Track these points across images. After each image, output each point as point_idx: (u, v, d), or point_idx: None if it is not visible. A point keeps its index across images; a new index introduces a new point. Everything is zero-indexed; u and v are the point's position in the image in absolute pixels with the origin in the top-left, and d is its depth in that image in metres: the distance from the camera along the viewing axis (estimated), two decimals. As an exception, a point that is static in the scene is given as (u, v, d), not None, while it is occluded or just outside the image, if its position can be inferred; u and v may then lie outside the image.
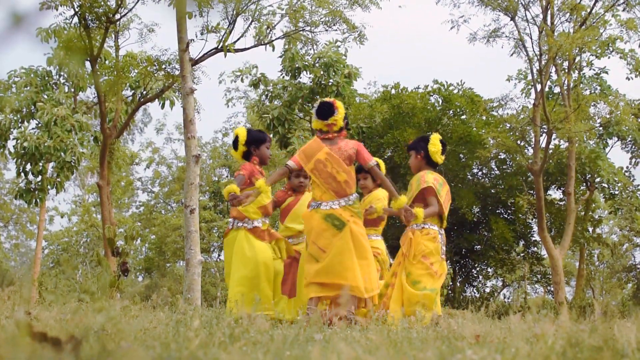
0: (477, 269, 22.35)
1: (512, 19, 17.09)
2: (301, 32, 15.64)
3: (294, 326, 3.63)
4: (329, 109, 5.86)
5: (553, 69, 17.80)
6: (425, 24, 61.08)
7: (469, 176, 20.93)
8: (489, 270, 22.77)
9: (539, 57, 16.94)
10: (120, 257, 6.74)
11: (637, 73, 18.91)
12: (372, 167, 5.90)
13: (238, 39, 13.60)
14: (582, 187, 20.78)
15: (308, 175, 6.15)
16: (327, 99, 5.98)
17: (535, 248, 21.93)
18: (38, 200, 16.92)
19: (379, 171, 5.97)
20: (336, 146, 5.87)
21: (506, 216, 21.18)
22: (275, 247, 6.16)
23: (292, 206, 6.51)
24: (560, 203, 21.05)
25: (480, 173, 21.61)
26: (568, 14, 17.11)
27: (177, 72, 14.49)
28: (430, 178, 6.10)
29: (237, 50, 13.43)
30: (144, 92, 16.99)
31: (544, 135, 17.27)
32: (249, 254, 5.93)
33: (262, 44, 14.58)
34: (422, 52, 61.53)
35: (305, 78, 20.01)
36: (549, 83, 18.62)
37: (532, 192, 19.79)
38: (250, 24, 14.23)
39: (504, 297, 27.01)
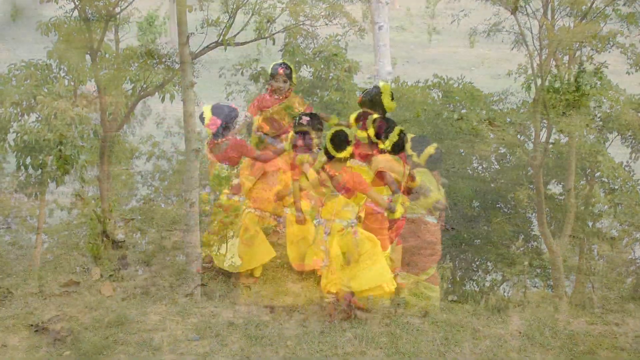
0: (477, 263, 22.36)
1: (513, 13, 17.05)
2: (301, 26, 15.62)
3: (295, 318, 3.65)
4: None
5: (553, 64, 17.78)
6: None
7: (469, 170, 20.91)
8: (489, 264, 22.77)
9: (539, 51, 16.91)
10: (120, 249, 6.76)
11: (638, 68, 18.88)
12: None
13: (238, 33, 13.57)
14: (582, 182, 20.77)
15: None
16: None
17: (535, 242, 21.91)
18: (38, 193, 16.92)
19: None
20: None
21: (506, 210, 21.16)
22: None
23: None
24: (560, 198, 21.04)
25: (480, 167, 21.59)
26: (568, 8, 17.08)
27: (177, 66, 14.47)
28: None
29: (237, 44, 13.42)
30: (144, 86, 16.96)
31: (544, 129, 17.25)
32: None
33: (262, 38, 14.55)
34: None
35: (306, 72, 19.94)
36: (549, 77, 18.58)
37: (531, 186, 19.78)
38: (251, 17, 14.22)
39: (504, 292, 27.03)
